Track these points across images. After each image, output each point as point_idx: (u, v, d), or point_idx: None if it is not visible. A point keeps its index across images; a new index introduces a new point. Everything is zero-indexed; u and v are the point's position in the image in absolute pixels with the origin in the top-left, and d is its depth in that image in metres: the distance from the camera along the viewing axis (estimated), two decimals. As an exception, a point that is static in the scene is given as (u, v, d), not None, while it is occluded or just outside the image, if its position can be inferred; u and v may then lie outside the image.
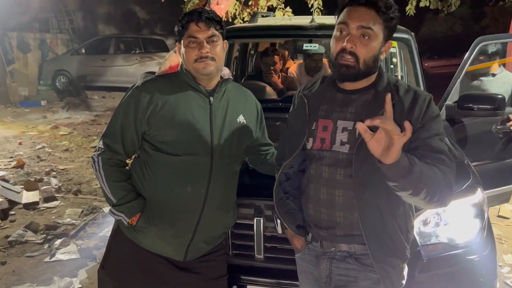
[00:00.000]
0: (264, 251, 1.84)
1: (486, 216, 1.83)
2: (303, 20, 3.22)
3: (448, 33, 14.88)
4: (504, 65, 3.77)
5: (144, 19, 17.84)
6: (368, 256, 1.38)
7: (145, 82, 1.65)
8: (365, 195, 1.36)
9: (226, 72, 1.72)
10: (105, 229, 3.88)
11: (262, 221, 1.79)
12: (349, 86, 1.43)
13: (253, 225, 1.80)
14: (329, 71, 1.43)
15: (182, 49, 1.62)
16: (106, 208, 4.42)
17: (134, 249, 1.66)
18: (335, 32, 1.39)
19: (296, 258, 1.61)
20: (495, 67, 3.65)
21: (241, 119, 1.71)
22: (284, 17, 4.22)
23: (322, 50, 3.39)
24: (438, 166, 1.25)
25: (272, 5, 7.61)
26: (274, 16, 4.84)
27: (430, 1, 8.29)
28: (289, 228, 1.56)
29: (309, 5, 7.97)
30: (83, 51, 12.74)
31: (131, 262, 1.68)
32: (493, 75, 3.63)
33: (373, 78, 1.42)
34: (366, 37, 1.33)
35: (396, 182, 1.21)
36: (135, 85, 1.66)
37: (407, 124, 1.12)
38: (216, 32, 1.61)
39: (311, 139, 1.45)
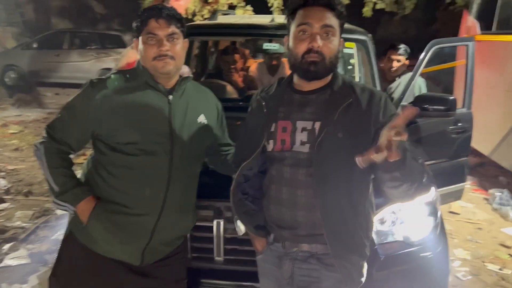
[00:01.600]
0: (224, 253, 1.82)
1: (439, 214, 1.89)
2: (263, 19, 3.22)
3: (403, 36, 15.37)
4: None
5: (100, 14, 17.25)
6: (330, 256, 1.39)
7: (100, 80, 1.58)
8: (326, 193, 1.37)
9: (186, 71, 1.68)
10: (57, 232, 3.72)
11: (222, 223, 1.76)
12: (306, 87, 1.45)
13: (212, 227, 1.77)
14: (287, 71, 1.44)
15: (140, 46, 1.56)
16: (60, 211, 4.25)
17: (87, 254, 1.59)
18: (296, 34, 1.40)
19: (257, 259, 1.60)
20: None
21: (201, 118, 1.68)
22: (244, 16, 4.21)
23: (282, 50, 3.41)
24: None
25: (232, 3, 7.59)
26: (235, 14, 4.81)
27: (386, 4, 8.54)
28: (247, 229, 1.56)
29: (269, 5, 8.02)
30: (35, 45, 12.15)
31: (84, 268, 1.61)
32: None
33: (328, 78, 1.45)
34: (329, 35, 1.37)
35: (391, 173, 1.26)
36: (89, 82, 1.58)
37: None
38: (177, 30, 1.56)
39: (271, 141, 1.45)
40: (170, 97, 1.60)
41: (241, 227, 1.72)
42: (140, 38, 1.56)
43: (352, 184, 1.38)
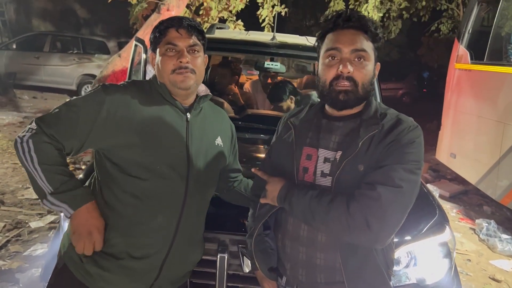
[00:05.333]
0: (226, 291, 1.66)
1: (454, 255, 1.79)
2: (261, 36, 3.12)
3: (386, 59, 15.71)
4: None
5: (84, 18, 16.93)
6: None
7: (114, 86, 1.41)
8: None
9: (203, 89, 1.54)
10: (31, 247, 3.49)
11: (226, 257, 1.61)
12: (335, 112, 1.33)
13: (215, 262, 1.62)
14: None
15: (158, 58, 1.41)
16: (33, 223, 3.99)
17: None
18: (324, 59, 1.29)
19: (264, 302, 1.45)
20: None
21: (218, 141, 1.54)
22: (241, 31, 4.11)
23: (283, 69, 3.31)
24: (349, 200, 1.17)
25: (223, 17, 7.51)
26: (228, 28, 4.71)
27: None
28: (261, 269, 1.41)
29: (260, 20, 7.98)
30: (14, 46, 11.78)
31: None
32: None
33: (361, 105, 1.33)
34: (362, 60, 1.26)
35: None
36: (101, 85, 1.40)
37: None
38: (198, 42, 1.43)
39: (294, 169, 1.33)
40: (188, 115, 1.45)
41: (248, 264, 1.57)
42: (158, 49, 1.41)
43: None
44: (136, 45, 3.19)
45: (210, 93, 1.54)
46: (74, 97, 1.41)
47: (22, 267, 3.14)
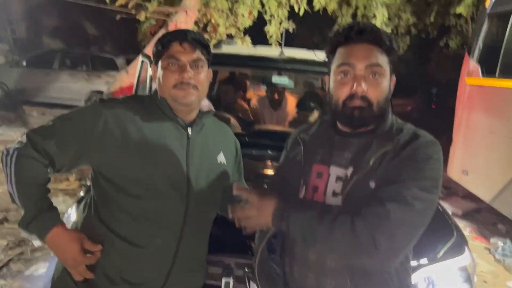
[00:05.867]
0: (231, 318, 1.56)
1: (475, 279, 1.68)
2: (269, 51, 3.07)
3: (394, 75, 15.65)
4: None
5: (93, 35, 17.16)
6: None
7: (113, 100, 1.35)
8: None
9: (206, 104, 1.49)
10: (33, 266, 3.42)
11: (231, 283, 1.52)
12: (348, 128, 1.25)
13: (220, 287, 1.53)
14: (290, 107, 1.27)
15: (159, 72, 1.36)
16: (36, 241, 3.92)
17: None
18: (336, 76, 1.21)
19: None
20: None
21: (221, 158, 1.47)
22: (249, 47, 4.09)
23: (291, 84, 3.25)
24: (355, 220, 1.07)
25: (231, 33, 7.53)
26: (236, 44, 4.69)
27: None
28: None
29: (268, 36, 7.99)
30: (24, 63, 11.94)
31: None
32: None
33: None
34: (377, 76, 1.17)
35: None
36: (98, 99, 1.35)
37: None
38: (202, 57, 1.37)
39: (303, 187, 1.25)
40: (189, 131, 1.38)
41: (254, 290, 1.48)
42: (160, 63, 1.36)
43: None
44: (142, 61, 3.17)
45: (213, 109, 1.48)
46: (70, 110, 1.35)
47: (24, 286, 3.08)
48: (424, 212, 1.09)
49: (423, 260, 1.62)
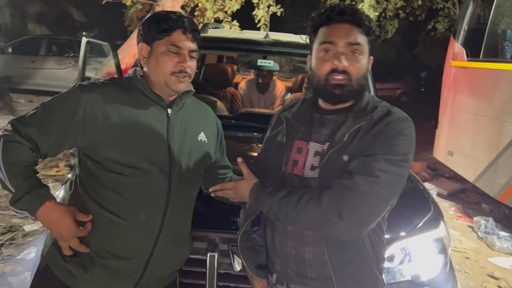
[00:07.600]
0: (216, 291, 1.62)
1: (449, 251, 1.76)
2: (255, 35, 3.09)
3: (383, 59, 15.63)
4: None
5: (80, 22, 16.90)
6: None
7: (92, 84, 1.37)
8: None
9: None
10: (24, 251, 3.45)
11: (216, 256, 1.57)
12: (329, 106, 1.31)
13: (205, 261, 1.58)
14: (278, 90, 1.32)
15: (154, 54, 1.36)
16: (27, 226, 3.95)
17: None
18: (318, 53, 1.27)
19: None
20: None
21: (202, 136, 1.50)
22: (235, 30, 4.09)
23: (276, 67, 3.27)
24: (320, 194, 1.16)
25: (218, 18, 7.49)
26: (223, 28, 4.68)
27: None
28: (247, 267, 1.38)
29: (256, 21, 7.97)
30: (10, 50, 11.73)
31: None
32: None
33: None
34: (356, 54, 1.23)
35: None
36: (77, 84, 1.36)
37: None
38: (196, 48, 1.40)
39: (285, 162, 1.31)
40: (169, 110, 1.42)
41: (239, 263, 1.54)
42: (155, 45, 1.36)
43: None
44: (88, 42, 3.18)
45: (193, 89, 1.50)
46: (52, 97, 1.36)
47: (15, 270, 3.11)
48: (391, 185, 1.15)
49: (401, 233, 1.68)
